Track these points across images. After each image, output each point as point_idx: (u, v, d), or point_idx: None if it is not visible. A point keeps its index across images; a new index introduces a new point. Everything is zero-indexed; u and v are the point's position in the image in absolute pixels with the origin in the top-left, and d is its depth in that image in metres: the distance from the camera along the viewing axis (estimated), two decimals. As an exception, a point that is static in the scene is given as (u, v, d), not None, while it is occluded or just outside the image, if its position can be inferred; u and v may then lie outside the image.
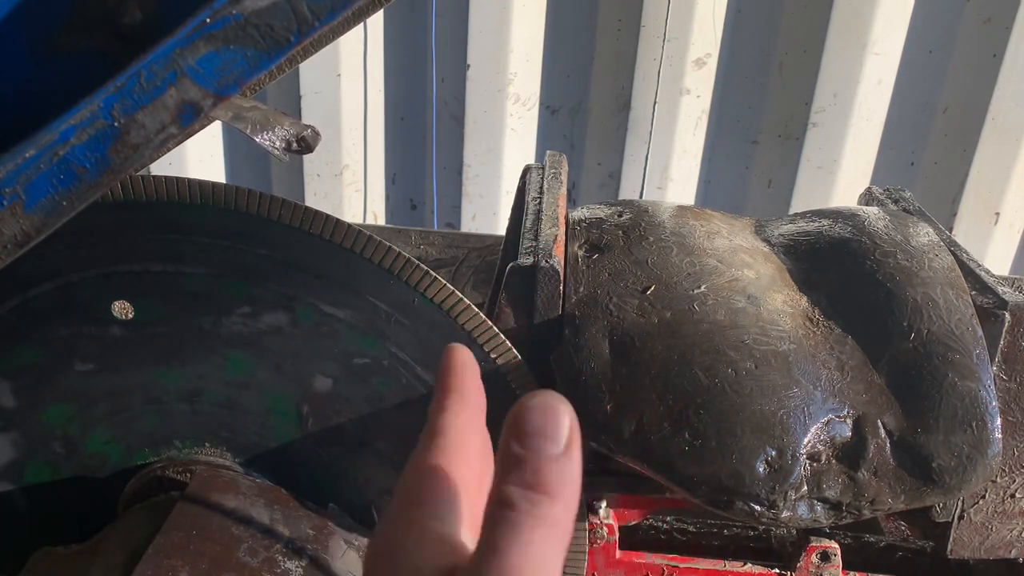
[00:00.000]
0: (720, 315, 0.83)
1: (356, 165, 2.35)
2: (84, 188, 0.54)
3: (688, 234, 0.94)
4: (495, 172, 2.33)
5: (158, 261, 0.78)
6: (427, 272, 0.78)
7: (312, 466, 0.86)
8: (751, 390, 0.77)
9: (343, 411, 0.83)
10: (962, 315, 0.82)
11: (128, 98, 0.52)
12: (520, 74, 2.22)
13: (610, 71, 2.25)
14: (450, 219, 2.43)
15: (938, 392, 0.78)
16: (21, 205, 0.54)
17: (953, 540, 0.90)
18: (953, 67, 2.14)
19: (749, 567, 0.94)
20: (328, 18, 0.52)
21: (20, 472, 0.86)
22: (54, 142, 0.53)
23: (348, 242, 0.77)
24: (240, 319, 0.80)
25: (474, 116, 2.27)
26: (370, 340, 0.81)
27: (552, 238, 0.87)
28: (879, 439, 0.78)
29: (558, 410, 0.33)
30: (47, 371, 0.82)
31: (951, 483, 0.78)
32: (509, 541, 0.32)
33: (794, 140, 2.25)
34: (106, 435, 0.85)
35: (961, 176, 2.24)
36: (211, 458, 0.85)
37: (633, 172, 2.31)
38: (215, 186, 0.76)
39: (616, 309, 0.83)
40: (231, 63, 0.52)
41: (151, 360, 0.82)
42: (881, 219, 0.95)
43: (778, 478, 0.76)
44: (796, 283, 0.91)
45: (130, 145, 0.53)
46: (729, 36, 2.17)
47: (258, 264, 0.78)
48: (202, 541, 0.75)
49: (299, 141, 0.65)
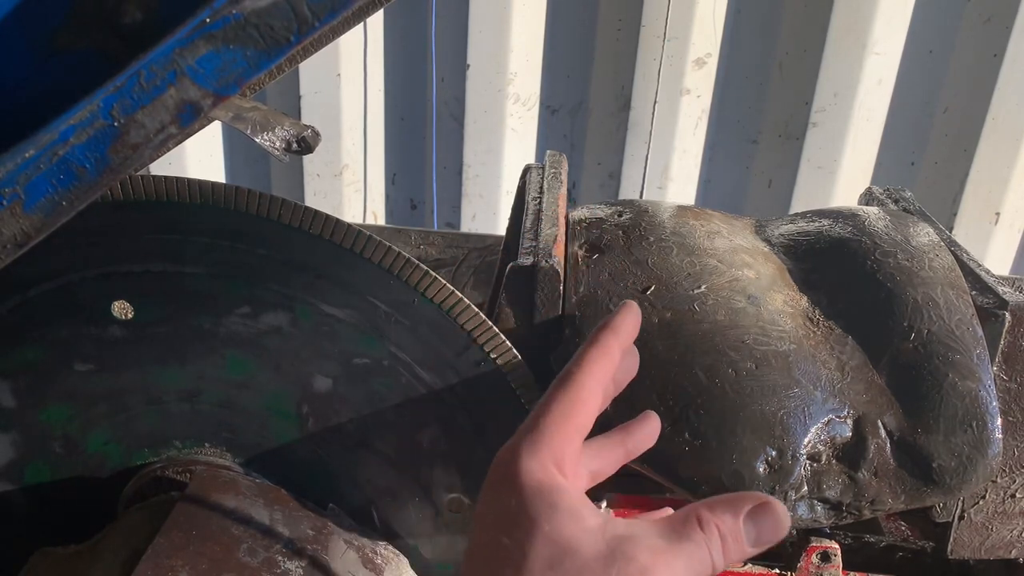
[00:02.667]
0: (720, 315, 0.83)
1: (356, 165, 2.35)
2: (84, 188, 0.54)
3: (688, 234, 0.94)
4: (495, 172, 2.33)
5: (158, 261, 0.78)
6: (427, 272, 0.78)
7: (312, 466, 0.86)
8: (751, 390, 0.77)
9: (343, 411, 0.83)
10: (962, 315, 0.82)
11: (128, 98, 0.52)
12: (520, 74, 2.22)
13: (610, 71, 2.25)
14: (450, 219, 2.43)
15: (938, 392, 0.78)
16: (21, 205, 0.54)
17: (953, 540, 0.90)
18: (953, 67, 2.14)
19: (749, 567, 0.94)
20: (328, 18, 0.52)
21: (20, 472, 0.86)
22: (54, 142, 0.53)
23: (348, 242, 0.77)
24: (240, 319, 0.80)
25: (474, 116, 2.27)
26: (370, 340, 0.80)
27: (552, 238, 0.87)
28: (879, 439, 0.78)
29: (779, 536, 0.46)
30: (47, 371, 0.82)
31: (951, 483, 0.78)
32: (690, 548, 0.43)
33: (794, 140, 2.25)
34: (106, 435, 0.85)
35: (961, 176, 2.24)
36: (211, 458, 0.85)
37: (633, 172, 2.31)
38: (215, 186, 0.76)
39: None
40: (231, 63, 0.52)
41: (151, 360, 0.82)
42: (881, 219, 0.95)
43: (778, 478, 0.76)
44: (796, 283, 0.91)
45: (130, 145, 0.53)
46: (729, 36, 2.17)
47: (258, 264, 0.78)
48: (202, 541, 0.75)
49: (299, 141, 0.65)
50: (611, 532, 0.43)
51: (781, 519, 0.46)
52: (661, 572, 0.42)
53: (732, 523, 0.45)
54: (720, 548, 0.45)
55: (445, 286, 0.79)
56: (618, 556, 0.42)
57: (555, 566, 0.41)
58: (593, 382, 0.50)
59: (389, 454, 0.85)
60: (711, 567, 0.45)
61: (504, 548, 0.43)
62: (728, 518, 0.45)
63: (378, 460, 0.85)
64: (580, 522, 0.43)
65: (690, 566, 0.44)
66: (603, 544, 0.42)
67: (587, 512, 0.44)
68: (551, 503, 0.43)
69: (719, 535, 0.45)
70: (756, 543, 0.46)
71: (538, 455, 0.45)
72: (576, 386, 0.49)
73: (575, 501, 0.44)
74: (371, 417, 0.83)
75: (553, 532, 0.42)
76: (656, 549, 0.43)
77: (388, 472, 0.85)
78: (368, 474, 0.86)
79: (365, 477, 0.86)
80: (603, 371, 0.51)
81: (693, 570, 0.44)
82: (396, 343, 0.81)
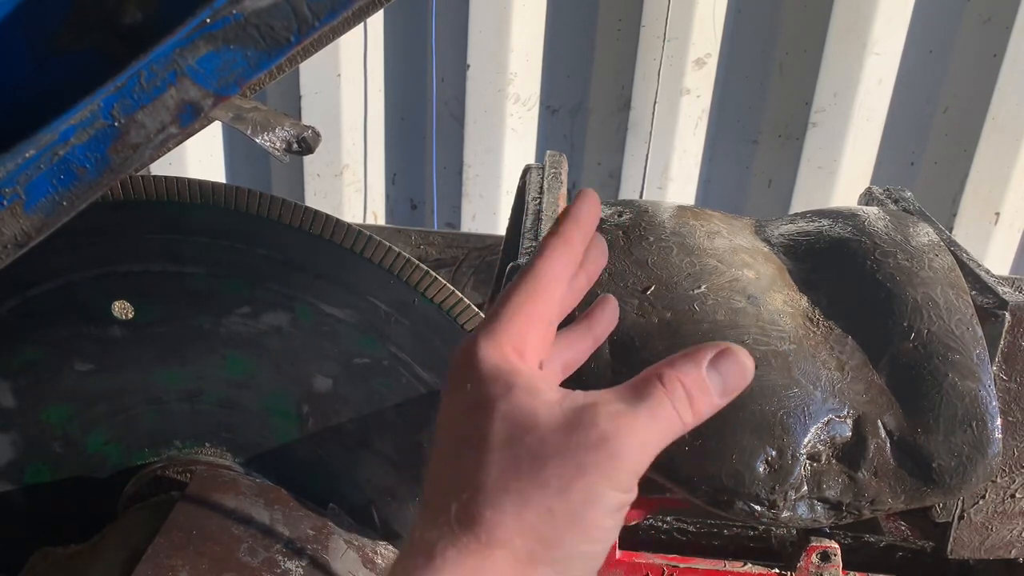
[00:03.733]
0: (720, 315, 0.82)
1: (356, 165, 2.35)
2: (84, 188, 0.54)
3: (688, 234, 0.94)
4: (495, 172, 2.32)
5: (158, 261, 0.78)
6: (427, 272, 0.78)
7: (312, 466, 0.86)
8: (751, 390, 0.77)
9: (343, 411, 0.84)
10: (962, 315, 0.82)
11: (128, 98, 0.52)
12: (520, 74, 2.22)
13: (610, 71, 2.25)
14: (450, 219, 2.43)
15: (938, 392, 0.78)
16: (21, 205, 0.54)
17: (953, 540, 0.90)
18: (953, 67, 2.14)
19: (749, 567, 0.94)
20: (328, 18, 0.52)
21: (20, 472, 0.86)
22: (54, 142, 0.53)
23: (348, 242, 0.77)
24: (240, 319, 0.80)
25: (474, 116, 2.27)
26: (370, 340, 0.81)
27: (552, 238, 0.87)
28: (879, 439, 0.78)
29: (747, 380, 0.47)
30: (47, 371, 0.82)
31: (951, 483, 0.77)
32: (651, 407, 0.42)
33: (794, 140, 2.25)
34: (106, 435, 0.85)
35: (961, 176, 2.24)
36: (211, 458, 0.85)
37: (633, 172, 2.31)
38: (215, 186, 0.76)
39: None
40: (231, 63, 0.52)
41: (151, 360, 0.82)
42: (881, 219, 0.95)
43: (778, 478, 0.76)
44: (796, 283, 0.91)
45: (130, 145, 0.53)
46: (729, 36, 2.16)
47: (258, 264, 0.78)
48: (202, 541, 0.75)
49: (299, 142, 0.65)
50: (569, 403, 0.42)
51: (745, 362, 0.45)
52: (624, 436, 0.41)
53: (696, 374, 0.44)
54: (687, 403, 0.43)
55: (445, 286, 0.79)
56: (576, 424, 0.41)
57: (514, 442, 0.40)
58: (554, 270, 0.48)
59: (389, 454, 0.85)
60: (680, 424, 0.43)
61: (464, 432, 0.43)
62: (691, 369, 0.44)
63: (378, 460, 0.85)
64: (537, 397, 0.42)
65: (655, 425, 0.42)
66: (561, 415, 0.41)
67: (545, 387, 0.43)
68: (508, 383, 0.42)
69: (684, 389, 0.43)
70: (724, 393, 0.45)
71: (496, 341, 0.44)
72: (535, 275, 0.47)
73: (533, 379, 0.43)
74: (371, 417, 0.83)
75: (510, 410, 0.41)
76: (616, 413, 0.42)
77: (388, 472, 0.85)
78: (368, 474, 0.86)
79: (365, 477, 0.86)
80: (563, 259, 0.49)
81: (659, 429, 0.43)
82: (396, 343, 0.81)
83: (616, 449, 0.41)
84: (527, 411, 0.41)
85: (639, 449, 0.42)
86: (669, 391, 0.43)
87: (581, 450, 0.40)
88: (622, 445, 0.41)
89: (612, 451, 0.40)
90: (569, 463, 0.40)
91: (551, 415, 0.41)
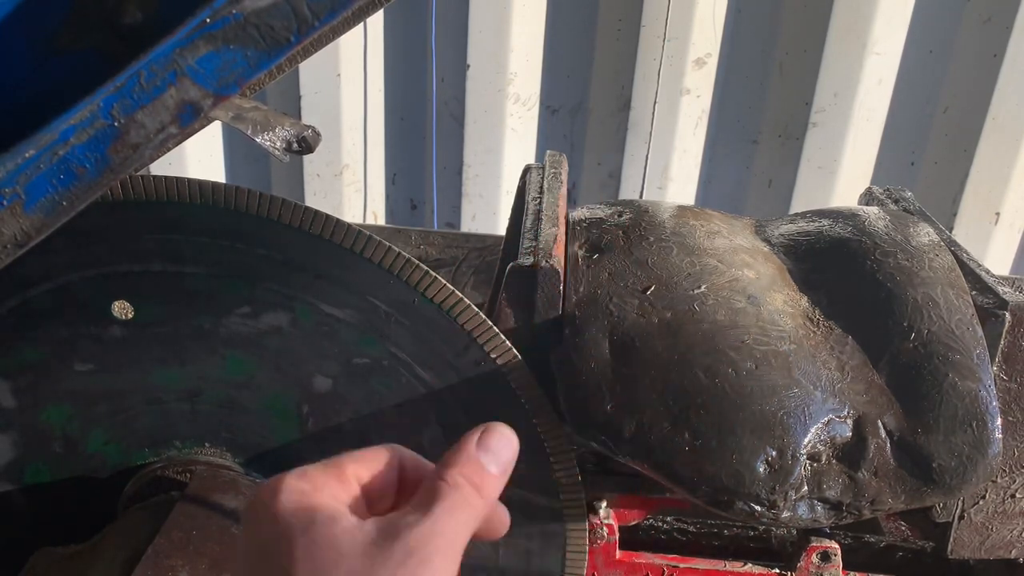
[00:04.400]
0: (720, 315, 0.83)
1: (356, 165, 2.35)
2: (84, 188, 0.54)
3: (688, 234, 0.94)
4: (495, 172, 2.32)
5: (158, 261, 0.78)
6: (427, 272, 0.78)
7: (312, 466, 0.86)
8: (751, 390, 0.77)
9: (343, 411, 0.83)
10: (962, 315, 0.82)
11: (128, 98, 0.52)
12: (520, 74, 2.22)
13: (610, 71, 2.25)
14: (450, 219, 2.43)
15: (938, 392, 0.78)
16: (21, 205, 0.54)
17: (953, 540, 0.90)
18: (953, 67, 2.14)
19: (749, 567, 0.94)
20: (328, 18, 0.52)
21: (20, 472, 0.86)
22: (54, 142, 0.53)
23: (348, 242, 0.77)
24: (240, 319, 0.80)
25: (474, 116, 2.27)
26: (370, 340, 0.81)
27: (552, 238, 0.87)
28: (879, 439, 0.78)
29: (514, 447, 0.48)
30: (47, 371, 0.82)
31: (951, 483, 0.78)
32: (444, 505, 0.44)
33: (794, 140, 2.25)
34: (106, 435, 0.85)
35: (961, 176, 2.24)
36: (211, 458, 0.85)
37: (633, 172, 2.31)
38: (215, 186, 0.76)
39: (616, 309, 0.83)
40: (231, 63, 0.52)
41: (151, 360, 0.82)
42: (881, 219, 0.95)
43: (778, 478, 0.76)
44: (796, 283, 0.91)
45: (130, 145, 0.53)
46: (729, 36, 2.16)
47: (258, 264, 0.78)
48: (202, 541, 0.75)
49: (299, 141, 0.65)
50: (369, 526, 0.43)
51: (505, 433, 0.48)
52: (428, 541, 0.42)
53: (470, 462, 0.46)
54: (473, 489, 0.45)
55: (445, 286, 0.79)
56: (380, 545, 0.42)
57: (320, 573, 0.41)
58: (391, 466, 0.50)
59: (389, 454, 0.85)
60: (474, 511, 0.45)
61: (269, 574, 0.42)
62: (463, 459, 0.46)
63: (378, 460, 0.85)
64: (337, 524, 0.43)
65: (453, 520, 0.44)
66: (363, 539, 0.42)
67: (343, 513, 0.44)
68: (309, 518, 0.42)
69: (465, 478, 0.45)
70: (499, 466, 0.47)
71: (298, 487, 0.44)
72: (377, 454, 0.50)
73: (333, 508, 0.44)
74: (371, 417, 0.83)
75: (312, 543, 0.42)
76: (415, 523, 0.43)
77: (388, 472, 0.85)
78: (368, 474, 0.86)
79: (365, 477, 0.86)
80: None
81: (459, 522, 0.44)
82: (396, 343, 0.81)
83: (424, 556, 0.42)
84: (329, 540, 0.42)
85: (447, 547, 0.43)
86: (453, 486, 0.45)
87: (390, 568, 0.41)
88: (429, 551, 0.42)
89: (421, 558, 0.41)
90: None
91: (354, 543, 0.42)
